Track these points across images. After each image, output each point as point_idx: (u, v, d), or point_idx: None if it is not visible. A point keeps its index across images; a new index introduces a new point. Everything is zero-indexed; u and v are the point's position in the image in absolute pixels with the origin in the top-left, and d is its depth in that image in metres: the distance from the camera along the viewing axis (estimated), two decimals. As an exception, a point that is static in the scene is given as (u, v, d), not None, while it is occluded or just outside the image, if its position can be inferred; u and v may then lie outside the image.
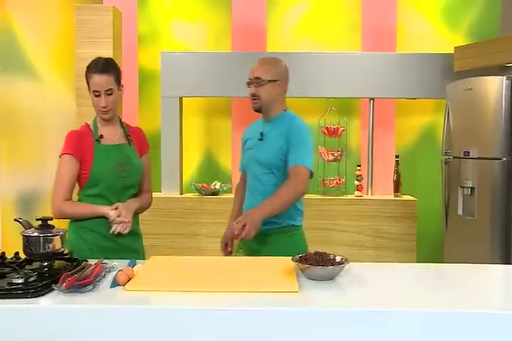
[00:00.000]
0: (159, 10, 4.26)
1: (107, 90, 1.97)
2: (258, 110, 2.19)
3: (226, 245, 2.26)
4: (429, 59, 3.85)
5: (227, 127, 4.27)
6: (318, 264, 1.60)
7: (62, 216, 2.00)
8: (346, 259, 1.65)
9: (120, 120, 2.14)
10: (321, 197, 3.84)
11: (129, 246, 2.05)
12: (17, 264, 1.63)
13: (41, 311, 1.39)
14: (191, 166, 4.24)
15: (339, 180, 3.91)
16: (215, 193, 3.92)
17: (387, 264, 1.93)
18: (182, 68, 3.91)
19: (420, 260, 3.83)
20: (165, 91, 3.90)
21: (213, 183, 3.98)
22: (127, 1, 4.22)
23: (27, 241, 1.59)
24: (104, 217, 1.98)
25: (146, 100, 4.25)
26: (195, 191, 3.95)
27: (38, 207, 4.31)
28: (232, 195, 3.95)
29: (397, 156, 3.92)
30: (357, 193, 3.92)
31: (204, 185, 3.95)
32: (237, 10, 4.26)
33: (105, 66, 1.98)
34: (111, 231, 1.96)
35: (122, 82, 2.07)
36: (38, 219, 1.63)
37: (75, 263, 1.65)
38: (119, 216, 1.94)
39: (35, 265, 1.61)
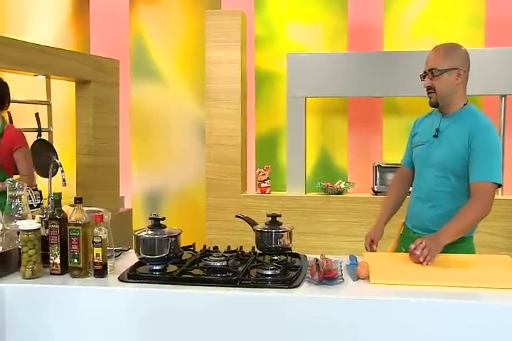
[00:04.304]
0: (275, 12, 4.34)
1: None
2: (435, 105, 2.01)
3: (371, 242, 2.12)
4: None
5: (342, 127, 4.29)
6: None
7: None
8: None
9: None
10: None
11: None
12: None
13: (300, 301, 1.47)
14: (308, 165, 4.29)
15: (468, 179, 3.83)
16: (340, 192, 3.95)
17: None
18: (306, 69, 3.97)
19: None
20: (291, 91, 3.97)
21: (338, 182, 4.01)
22: (244, 4, 4.32)
23: (260, 236, 1.68)
24: None
25: (262, 101, 4.35)
26: (320, 190, 3.99)
27: (163, 203, 4.53)
28: (355, 195, 4.01)
29: (531, 155, 3.80)
30: (487, 193, 3.83)
31: (329, 184, 3.98)
32: (353, 10, 4.27)
33: None
34: None
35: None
36: (268, 216, 1.72)
37: (297, 258, 1.73)
38: None
39: (266, 258, 1.70)
